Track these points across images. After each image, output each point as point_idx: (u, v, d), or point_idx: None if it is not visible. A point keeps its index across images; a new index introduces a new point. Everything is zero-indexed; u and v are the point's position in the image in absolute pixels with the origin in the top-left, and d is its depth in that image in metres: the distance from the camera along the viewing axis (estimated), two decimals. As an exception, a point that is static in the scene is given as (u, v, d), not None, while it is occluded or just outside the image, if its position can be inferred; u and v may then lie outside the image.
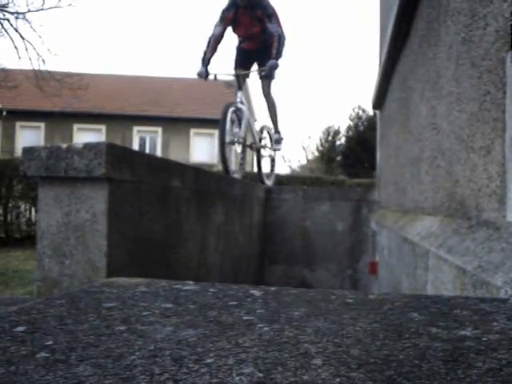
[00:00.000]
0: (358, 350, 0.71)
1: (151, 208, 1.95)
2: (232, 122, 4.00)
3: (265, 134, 5.05)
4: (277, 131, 5.00)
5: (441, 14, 2.06)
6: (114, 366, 0.64)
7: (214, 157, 16.72)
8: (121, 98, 18.12)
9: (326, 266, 5.72)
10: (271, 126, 5.02)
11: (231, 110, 3.98)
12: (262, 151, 5.04)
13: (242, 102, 4.22)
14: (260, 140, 4.87)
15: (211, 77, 4.19)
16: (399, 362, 0.66)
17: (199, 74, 4.19)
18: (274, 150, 5.18)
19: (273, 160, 5.37)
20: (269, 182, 5.26)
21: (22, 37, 10.42)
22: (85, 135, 16.88)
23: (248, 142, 4.60)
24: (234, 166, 4.21)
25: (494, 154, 1.34)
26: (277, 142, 5.07)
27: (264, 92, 4.57)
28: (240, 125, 4.16)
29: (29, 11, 10.26)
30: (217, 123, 4.17)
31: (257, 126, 5.05)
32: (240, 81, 4.32)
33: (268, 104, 4.69)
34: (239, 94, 4.27)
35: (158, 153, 17.14)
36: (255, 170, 5.61)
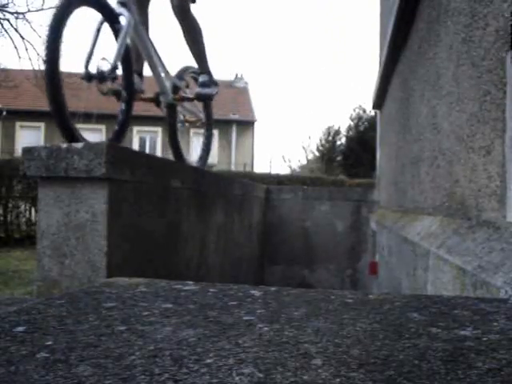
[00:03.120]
0: (358, 350, 0.71)
1: (151, 208, 1.95)
2: (96, 36, 2.09)
3: (188, 80, 2.96)
4: (204, 71, 2.82)
5: (441, 14, 2.06)
6: (113, 366, 0.64)
7: (214, 156, 16.72)
8: (121, 97, 18.14)
9: (325, 266, 5.72)
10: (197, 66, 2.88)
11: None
12: (180, 110, 2.94)
13: (123, 3, 2.24)
14: (176, 90, 2.80)
15: None
16: (399, 362, 0.66)
17: None
18: (199, 100, 2.93)
19: (208, 131, 3.32)
20: (197, 164, 3.22)
21: (21, 37, 10.45)
22: (85, 135, 16.84)
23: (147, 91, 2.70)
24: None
25: (494, 154, 1.34)
26: (203, 85, 2.81)
27: (179, 8, 2.52)
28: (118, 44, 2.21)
29: (29, 11, 10.29)
30: (217, 123, 3.24)
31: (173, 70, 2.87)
32: None
33: (187, 28, 2.64)
34: None
35: (158, 153, 17.12)
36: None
